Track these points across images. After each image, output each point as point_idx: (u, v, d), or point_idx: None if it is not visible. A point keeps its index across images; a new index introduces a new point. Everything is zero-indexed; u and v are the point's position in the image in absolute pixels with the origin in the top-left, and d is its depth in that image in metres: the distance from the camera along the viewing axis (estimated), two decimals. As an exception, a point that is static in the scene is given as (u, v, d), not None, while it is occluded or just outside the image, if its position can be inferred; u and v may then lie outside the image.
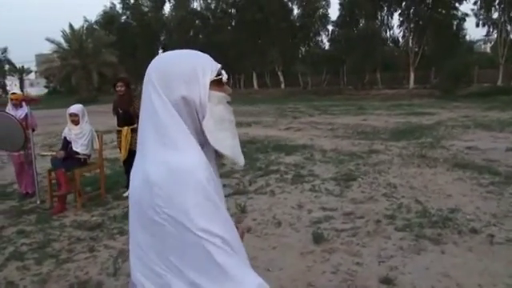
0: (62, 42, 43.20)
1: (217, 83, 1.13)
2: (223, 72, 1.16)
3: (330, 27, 39.76)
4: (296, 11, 40.75)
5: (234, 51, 38.33)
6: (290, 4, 40.41)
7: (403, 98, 27.13)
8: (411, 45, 34.31)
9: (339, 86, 36.44)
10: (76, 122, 6.17)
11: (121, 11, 49.07)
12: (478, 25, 32.12)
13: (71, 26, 42.99)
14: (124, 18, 49.03)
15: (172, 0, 46.58)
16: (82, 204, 5.98)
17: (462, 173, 6.86)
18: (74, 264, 4.09)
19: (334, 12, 77.89)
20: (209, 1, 44.33)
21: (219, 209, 1.03)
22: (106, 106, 11.84)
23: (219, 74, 1.14)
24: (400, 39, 37.23)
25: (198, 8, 45.27)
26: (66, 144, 6.21)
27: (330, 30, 39.75)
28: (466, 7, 62.71)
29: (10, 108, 6.54)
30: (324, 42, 41.74)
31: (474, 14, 32.09)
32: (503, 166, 7.21)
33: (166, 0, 47.27)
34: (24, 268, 4.03)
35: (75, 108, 6.22)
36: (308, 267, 3.73)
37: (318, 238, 4.32)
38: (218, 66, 1.16)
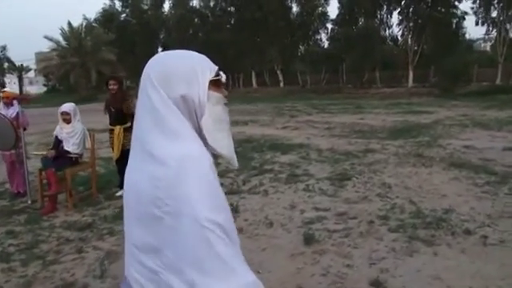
0: (61, 40, 43.16)
1: (215, 84, 1.14)
2: (221, 73, 1.18)
3: (329, 26, 39.86)
4: (295, 9, 40.76)
5: (233, 50, 38.31)
6: (289, 2, 40.34)
7: (402, 97, 27.07)
8: (410, 43, 34.31)
9: (338, 85, 36.45)
10: (68, 121, 6.10)
11: (120, 9, 48.93)
12: (477, 23, 32.16)
13: (70, 23, 42.94)
14: (123, 15, 48.84)
15: (171, -2, 46.47)
16: (74, 204, 5.90)
17: (457, 172, 6.80)
18: (60, 266, 4.02)
19: (333, 10, 77.88)
20: (208, -2, 44.23)
21: (221, 198, 1.04)
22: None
23: (217, 75, 1.16)
24: (399, 38, 37.27)
25: (197, 6, 45.16)
26: (58, 143, 6.13)
27: (330, 28, 39.83)
28: (465, 5, 62.49)
29: (1, 107, 6.48)
30: (323, 40, 41.83)
31: (474, 13, 32.14)
32: (499, 165, 7.14)
33: (166, -2, 47.18)
34: (10, 270, 3.96)
35: (67, 106, 6.15)
36: (298, 269, 3.66)
37: (309, 239, 4.25)
38: (216, 67, 1.17)
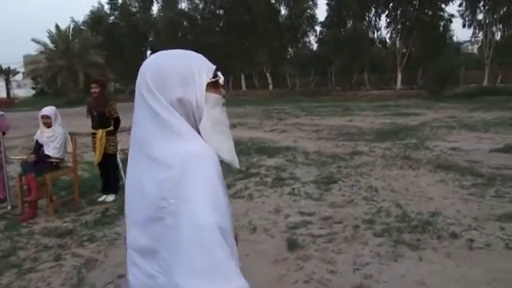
0: (49, 43, 42.73)
1: (213, 85, 1.11)
2: (219, 74, 1.14)
3: (317, 28, 39.95)
4: (283, 12, 40.80)
5: (222, 53, 38.11)
6: (277, 5, 40.34)
7: (390, 99, 27.16)
8: (398, 46, 34.48)
9: (327, 87, 36.52)
10: (48, 125, 5.97)
11: (109, 11, 48.61)
12: (464, 25, 32.43)
13: (57, 26, 42.52)
14: (112, 18, 48.51)
15: (160, 0, 46.28)
16: (55, 209, 5.77)
17: (444, 174, 6.77)
18: (37, 274, 3.89)
19: (321, 13, 78.14)
20: (197, 1, 44.09)
21: (222, 200, 0.99)
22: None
23: (215, 76, 1.12)
24: (387, 40, 37.44)
25: (186, 9, 44.99)
26: (38, 147, 6.00)
27: (318, 30, 39.92)
28: (452, 8, 63.18)
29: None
30: (312, 43, 41.92)
31: (461, 15, 32.39)
32: (486, 167, 7.13)
33: (154, 0, 46.98)
34: (-17, 280, 3.84)
35: (47, 110, 6.02)
36: (280, 276, 3.57)
37: (293, 244, 4.17)
38: (214, 67, 1.14)
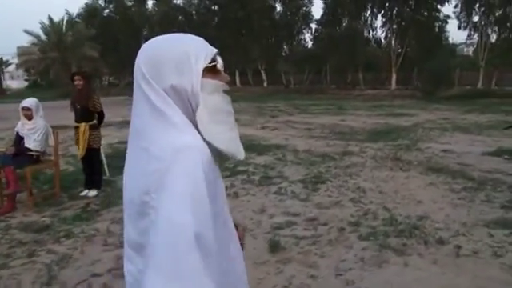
0: (42, 35, 42.21)
1: (212, 70, 1.05)
2: (219, 58, 1.08)
3: (313, 26, 39.78)
4: (279, 9, 40.58)
5: (217, 48, 37.59)
6: (272, 2, 40.13)
7: (385, 99, 27.06)
8: (394, 46, 34.38)
9: (322, 86, 36.40)
10: (29, 117, 5.80)
11: (103, 4, 48.15)
12: (459, 27, 32.39)
13: (50, 18, 41.99)
14: (107, 11, 48.09)
15: (155, -6, 45.91)
16: (35, 203, 5.63)
17: (435, 177, 6.65)
18: (8, 271, 3.73)
19: (317, 10, 78.00)
20: (192, -4, 43.78)
21: (205, 201, 0.90)
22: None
23: (214, 61, 1.05)
24: (383, 40, 37.37)
25: (181, 4, 44.67)
26: (19, 140, 5.84)
27: (314, 28, 39.74)
28: (448, 9, 63.22)
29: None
30: (307, 40, 41.76)
31: (456, 17, 32.36)
32: (477, 170, 7.02)
33: (149, -6, 46.64)
34: (-50, 277, 3.67)
35: (28, 101, 5.84)
36: (259, 280, 3.42)
37: (275, 246, 4.02)
38: (214, 50, 1.07)
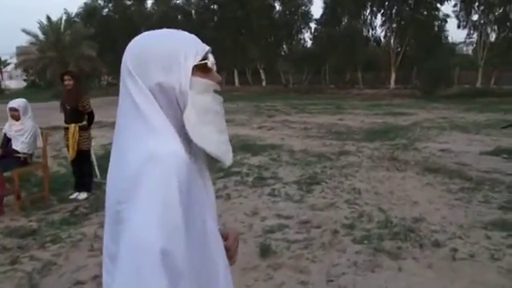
0: (40, 34, 42.06)
1: (202, 68, 0.99)
2: (210, 56, 1.02)
3: (312, 25, 39.64)
4: (278, 8, 40.42)
5: (216, 48, 37.29)
6: (272, 1, 39.99)
7: (384, 98, 26.89)
8: (393, 45, 34.26)
9: (321, 85, 36.24)
10: (16, 118, 5.66)
11: (102, 4, 48.02)
12: (459, 26, 32.27)
13: (48, 17, 41.85)
14: (106, 10, 47.97)
15: (154, -7, 45.76)
16: (23, 207, 5.50)
17: (432, 177, 6.53)
18: (-12, 279, 3.62)
19: (316, 10, 77.89)
20: (191, -5, 43.66)
21: (177, 217, 0.83)
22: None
23: (206, 58, 1.00)
24: (382, 39, 37.21)
25: (181, 3, 44.54)
26: (6, 141, 5.71)
27: (313, 28, 39.61)
28: (447, 8, 63.03)
29: None
30: (306, 40, 41.61)
31: (456, 16, 32.22)
32: (474, 170, 6.90)
33: (149, -7, 46.50)
34: None
35: (15, 102, 5.71)
36: (247, 287, 3.31)
37: (266, 250, 3.90)
38: (206, 48, 1.02)
